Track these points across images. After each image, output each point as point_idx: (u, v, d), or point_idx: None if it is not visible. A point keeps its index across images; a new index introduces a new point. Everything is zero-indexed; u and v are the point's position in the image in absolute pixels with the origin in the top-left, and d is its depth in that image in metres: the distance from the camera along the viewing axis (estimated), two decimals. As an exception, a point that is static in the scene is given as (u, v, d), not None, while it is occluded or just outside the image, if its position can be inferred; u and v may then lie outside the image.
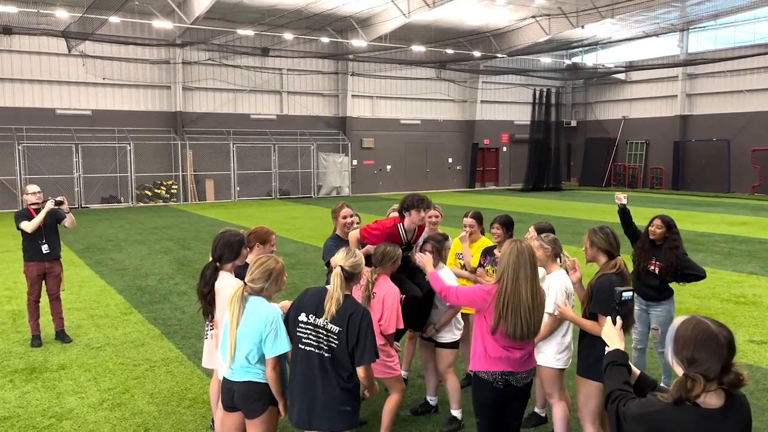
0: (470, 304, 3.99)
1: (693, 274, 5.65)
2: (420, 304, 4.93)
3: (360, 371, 3.57)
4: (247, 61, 26.76)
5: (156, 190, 25.50)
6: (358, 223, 5.53)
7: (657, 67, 29.42)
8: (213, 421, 4.82)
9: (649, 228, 5.77)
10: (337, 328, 3.54)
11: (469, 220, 5.83)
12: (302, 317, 3.64)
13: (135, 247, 14.32)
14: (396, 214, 5.14)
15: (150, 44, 24.20)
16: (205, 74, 26.47)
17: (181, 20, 23.25)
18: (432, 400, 5.38)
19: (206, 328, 4.61)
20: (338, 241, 5.24)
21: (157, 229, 17.48)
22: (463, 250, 5.80)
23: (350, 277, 3.68)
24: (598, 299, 4.01)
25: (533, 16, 26.66)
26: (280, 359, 3.62)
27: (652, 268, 5.68)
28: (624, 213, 6.15)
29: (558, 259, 4.51)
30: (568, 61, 33.54)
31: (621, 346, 2.76)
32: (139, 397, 5.76)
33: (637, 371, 2.80)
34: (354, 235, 5.03)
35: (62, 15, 20.34)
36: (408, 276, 4.97)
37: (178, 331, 7.82)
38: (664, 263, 5.59)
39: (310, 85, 29.05)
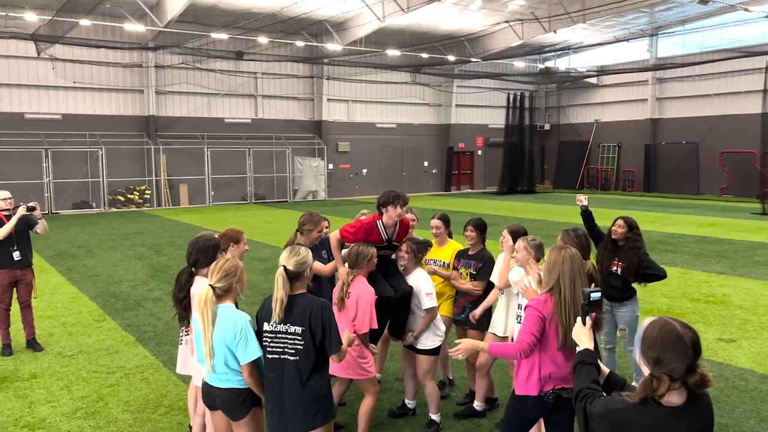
0: (536, 333, 3.56)
1: (654, 274, 5.71)
2: (393, 306, 4.89)
3: (334, 358, 3.68)
4: (222, 65, 26.60)
5: (129, 196, 25.17)
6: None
7: (627, 72, 29.97)
8: (190, 428, 4.79)
9: (612, 228, 5.86)
10: (300, 328, 3.56)
11: (435, 222, 5.78)
12: (266, 326, 3.66)
13: (108, 253, 14.12)
14: (365, 218, 5.20)
15: (122, 47, 23.93)
16: (179, 78, 26.23)
17: (154, 23, 23.02)
18: (410, 403, 5.41)
19: (181, 334, 4.58)
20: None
21: (130, 234, 17.26)
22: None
23: (295, 276, 3.63)
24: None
25: (506, 21, 26.96)
26: (256, 363, 3.62)
27: (615, 268, 5.76)
28: (587, 215, 6.22)
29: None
30: (541, 66, 33.97)
31: (590, 345, 2.81)
32: (114, 405, 5.69)
33: (606, 370, 2.85)
34: (334, 235, 5.03)
35: (31, 18, 20.00)
36: (387, 279, 4.97)
37: (153, 337, 7.73)
38: (626, 263, 5.67)
39: (285, 89, 28.97)
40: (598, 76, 32.90)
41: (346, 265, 4.90)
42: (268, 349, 3.63)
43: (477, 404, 5.31)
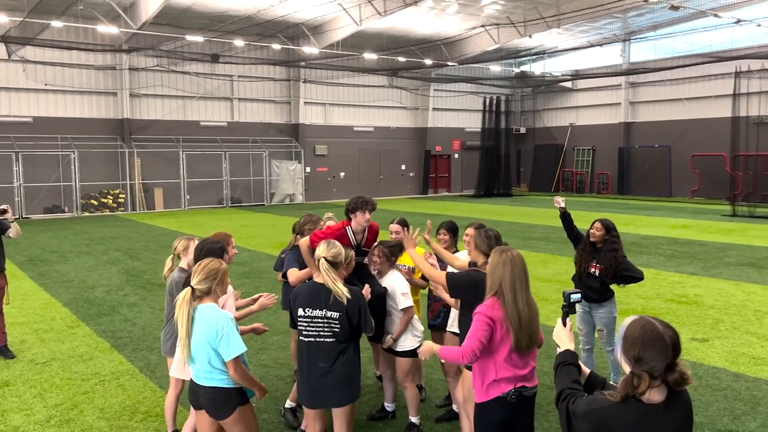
0: (482, 339, 3.56)
1: (631, 275, 5.77)
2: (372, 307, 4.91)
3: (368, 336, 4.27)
4: (197, 68, 26.37)
5: (102, 200, 24.79)
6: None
7: (601, 76, 30.40)
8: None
9: (590, 231, 5.92)
10: (337, 314, 3.96)
11: (395, 226, 5.61)
12: (300, 312, 4.03)
13: (81, 258, 13.89)
14: (331, 222, 5.27)
15: (95, 50, 23.59)
16: (153, 81, 25.94)
17: (128, 25, 22.74)
18: (389, 406, 5.40)
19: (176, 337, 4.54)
20: (299, 253, 5.22)
21: (104, 239, 17.00)
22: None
23: (334, 265, 4.04)
24: (452, 283, 4.26)
25: (483, 25, 27.17)
26: (240, 359, 3.64)
27: (593, 270, 5.83)
28: (565, 217, 6.28)
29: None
30: (516, 70, 34.30)
31: (571, 346, 2.84)
32: (89, 412, 5.59)
33: (587, 370, 2.88)
34: (305, 242, 5.02)
35: (2, 19, 19.60)
36: (361, 282, 4.97)
37: (129, 343, 7.62)
38: (604, 265, 5.74)
39: (262, 92, 28.82)
40: (572, 80, 33.33)
41: None
42: (304, 332, 4.03)
43: (455, 407, 5.33)
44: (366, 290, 4.43)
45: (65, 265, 13.03)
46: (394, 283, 4.97)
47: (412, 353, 5.00)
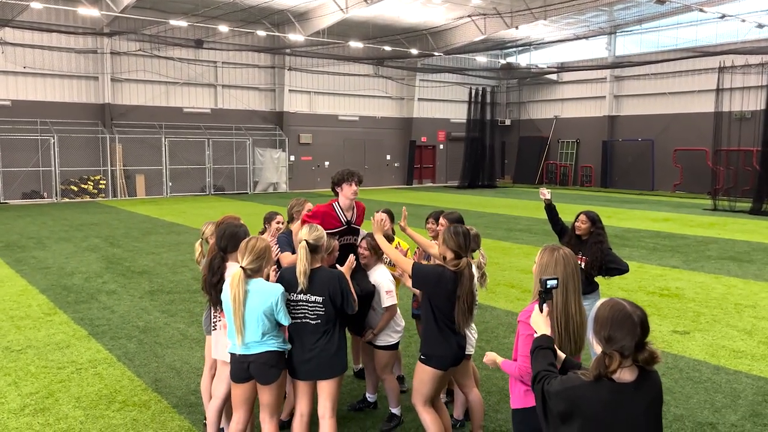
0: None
1: (617, 268, 5.77)
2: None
3: (349, 315, 4.26)
4: (180, 53, 26.00)
5: (82, 185, 24.43)
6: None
7: (586, 69, 30.48)
8: (205, 424, 4.69)
9: (575, 224, 5.89)
10: (321, 298, 4.04)
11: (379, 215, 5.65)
12: (291, 296, 4.10)
13: (59, 244, 13.66)
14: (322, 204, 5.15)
15: (75, 32, 23.15)
16: (136, 65, 25.54)
17: (109, 8, 22.35)
18: (371, 397, 5.36)
19: (214, 320, 4.50)
20: (290, 237, 5.14)
21: (83, 225, 16.75)
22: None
23: (314, 249, 4.09)
24: (416, 274, 4.22)
25: (469, 16, 27.08)
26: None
27: (578, 262, 5.82)
28: (550, 209, 6.25)
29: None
30: (502, 61, 34.28)
31: (548, 331, 2.87)
32: (65, 401, 5.48)
33: (562, 355, 2.95)
34: (297, 227, 4.95)
35: (-21, -1, 19.17)
36: (352, 276, 4.90)
37: (107, 331, 7.49)
38: (590, 258, 5.72)
39: (246, 79, 28.52)
40: (558, 72, 33.38)
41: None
42: (290, 314, 4.11)
43: (443, 396, 5.28)
44: (350, 260, 4.41)
45: (43, 251, 12.80)
46: (380, 279, 4.91)
47: (392, 347, 4.98)
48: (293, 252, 5.12)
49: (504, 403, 5.39)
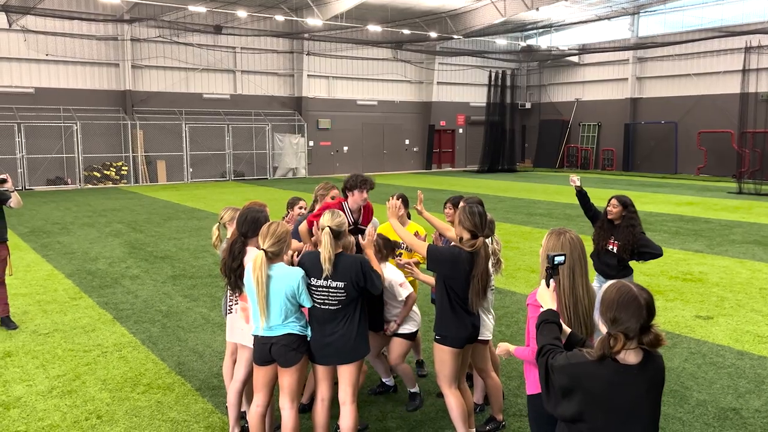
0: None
1: (650, 252, 5.74)
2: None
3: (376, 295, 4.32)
4: (199, 39, 26.07)
5: (105, 172, 24.74)
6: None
7: (608, 51, 29.96)
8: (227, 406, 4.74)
9: (607, 209, 5.90)
10: (342, 283, 4.04)
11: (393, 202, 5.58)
12: (311, 281, 4.12)
13: (83, 230, 13.87)
14: (330, 201, 5.23)
15: (96, 20, 23.31)
16: (155, 52, 25.67)
17: (129, -5, 22.44)
18: (388, 381, 5.38)
19: (230, 303, 4.58)
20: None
21: (106, 211, 16.98)
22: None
23: (337, 235, 4.09)
24: (431, 256, 4.21)
25: (489, -2, 26.73)
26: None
27: (611, 247, 5.80)
28: (582, 195, 6.24)
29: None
30: (522, 44, 33.83)
31: (553, 306, 2.90)
32: (91, 383, 5.60)
33: (567, 329, 2.99)
34: (303, 226, 4.96)
35: (1, -13, 19.37)
36: None
37: (131, 315, 7.62)
38: (622, 242, 5.71)
39: (265, 65, 28.53)
40: (579, 54, 32.87)
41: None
42: (314, 298, 4.14)
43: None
44: (369, 232, 4.44)
45: (68, 236, 13.02)
46: (390, 275, 4.92)
47: (410, 336, 5.02)
48: (299, 240, 5.16)
49: (524, 388, 5.39)
